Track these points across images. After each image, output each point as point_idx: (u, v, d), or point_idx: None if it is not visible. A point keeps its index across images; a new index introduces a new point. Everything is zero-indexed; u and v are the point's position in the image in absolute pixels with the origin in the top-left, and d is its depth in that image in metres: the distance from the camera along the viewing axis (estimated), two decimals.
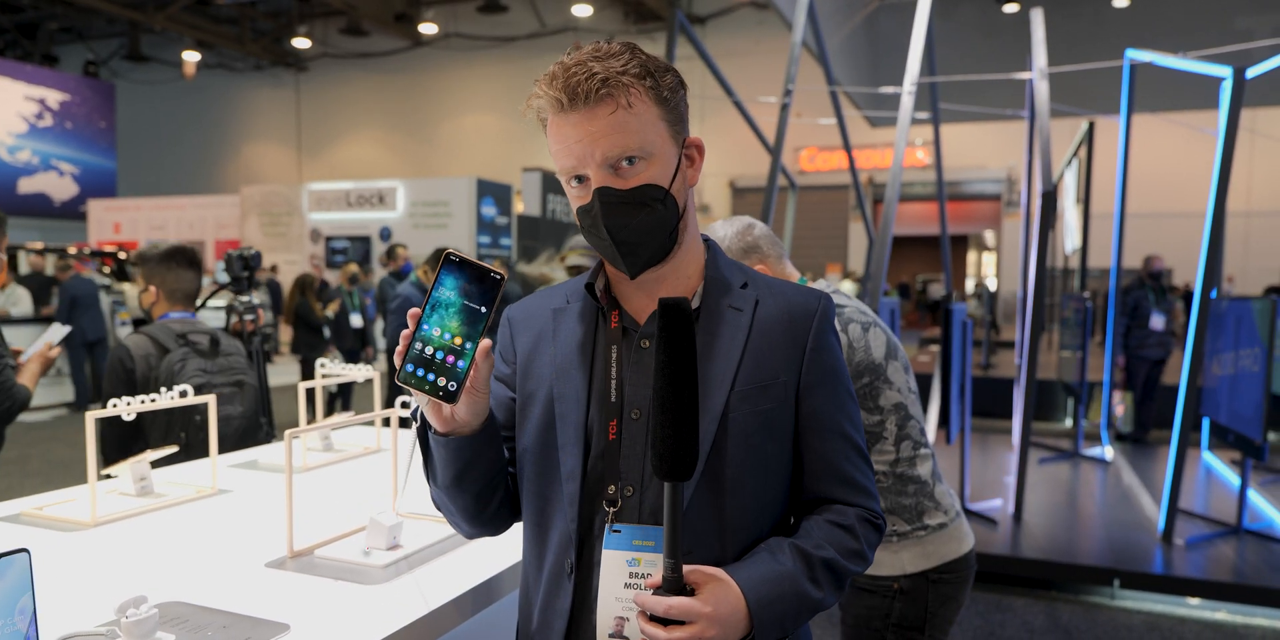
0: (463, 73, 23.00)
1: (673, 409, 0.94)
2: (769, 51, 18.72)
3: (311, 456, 2.38)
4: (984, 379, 8.96)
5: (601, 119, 1.04)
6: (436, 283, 0.99)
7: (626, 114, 1.04)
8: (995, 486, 5.58)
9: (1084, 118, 8.37)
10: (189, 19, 20.53)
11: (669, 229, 1.10)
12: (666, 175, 1.09)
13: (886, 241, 4.67)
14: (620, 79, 1.04)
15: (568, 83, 1.04)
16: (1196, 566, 4.19)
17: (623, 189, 1.06)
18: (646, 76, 1.06)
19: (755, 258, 1.97)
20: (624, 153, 1.05)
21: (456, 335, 1.00)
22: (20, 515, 1.82)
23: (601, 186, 1.06)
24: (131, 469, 1.96)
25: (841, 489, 1.15)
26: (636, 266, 1.10)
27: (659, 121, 1.07)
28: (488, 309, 1.00)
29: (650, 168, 1.07)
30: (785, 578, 1.04)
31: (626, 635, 1.03)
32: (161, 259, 2.76)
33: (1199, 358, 4.47)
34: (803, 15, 5.82)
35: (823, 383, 1.14)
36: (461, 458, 1.08)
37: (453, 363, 1.00)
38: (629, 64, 1.05)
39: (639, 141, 1.05)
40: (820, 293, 1.19)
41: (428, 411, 1.05)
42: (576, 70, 1.04)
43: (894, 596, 1.88)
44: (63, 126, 22.24)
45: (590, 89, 1.03)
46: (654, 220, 1.08)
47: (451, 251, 0.99)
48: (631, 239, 1.08)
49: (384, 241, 14.07)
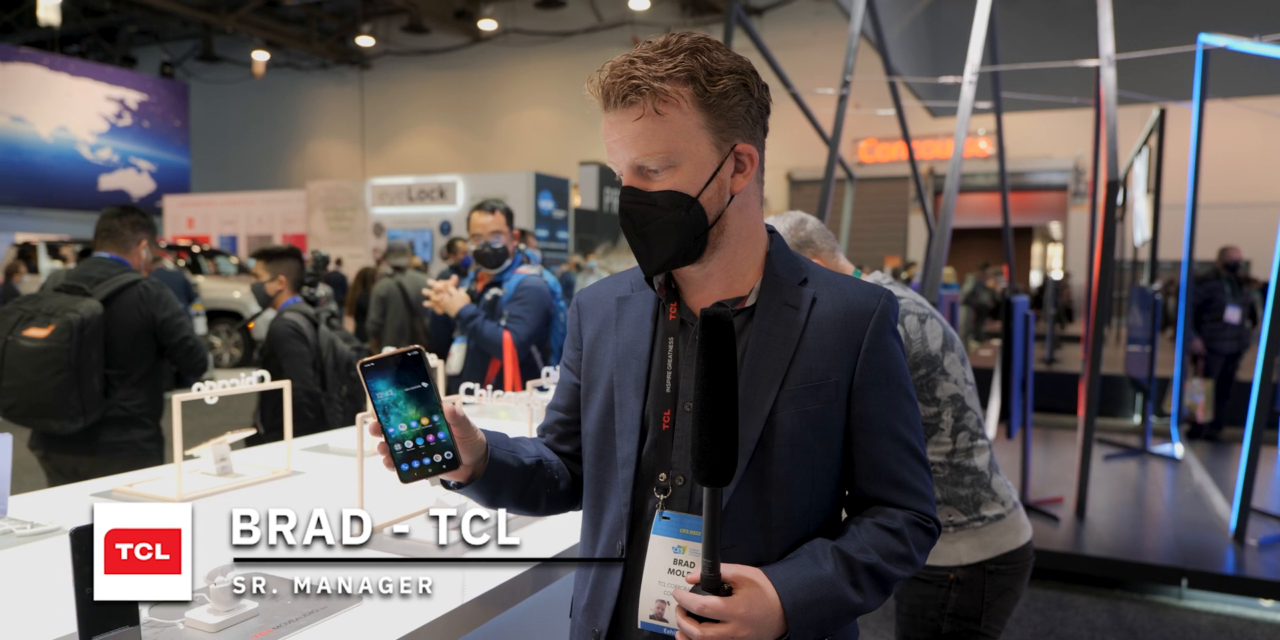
0: (520, 68, 23.21)
1: (710, 418, 0.95)
2: (827, 42, 18.50)
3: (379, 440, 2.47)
4: (1048, 373, 8.78)
5: (629, 124, 1.06)
6: (370, 391, 1.02)
7: (654, 121, 1.05)
8: (1059, 483, 5.47)
9: (1154, 105, 8.13)
10: (258, 20, 21.11)
11: (693, 235, 1.09)
12: (696, 183, 1.08)
13: (945, 233, 4.62)
14: (654, 84, 1.04)
15: (603, 83, 1.07)
16: (1270, 567, 4.06)
17: (644, 190, 1.08)
18: (692, 82, 1.05)
19: (809, 252, 1.99)
20: (646, 159, 1.07)
21: (420, 417, 1.04)
22: (112, 492, 1.93)
23: (626, 186, 1.09)
24: (213, 450, 2.07)
25: (892, 491, 1.14)
26: (651, 266, 1.12)
27: (697, 129, 1.06)
28: (428, 382, 1.04)
29: (676, 175, 1.08)
30: (824, 582, 1.04)
31: (665, 618, 1.07)
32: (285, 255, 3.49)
33: (1274, 352, 4.34)
34: (861, 5, 5.77)
35: (876, 384, 1.13)
36: (486, 492, 1.15)
37: (434, 439, 1.04)
38: (676, 68, 1.04)
39: (664, 149, 1.06)
40: (883, 290, 1.17)
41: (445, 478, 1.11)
42: (615, 71, 1.06)
43: (950, 586, 1.89)
44: (140, 125, 23.07)
45: (619, 94, 1.05)
46: (672, 225, 1.08)
47: (363, 360, 1.02)
48: (647, 239, 1.10)
49: (444, 235, 14.31)
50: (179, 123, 24.18)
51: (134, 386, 2.92)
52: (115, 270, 2.90)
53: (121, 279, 2.87)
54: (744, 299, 1.15)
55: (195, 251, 13.01)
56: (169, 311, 2.94)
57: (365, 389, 1.03)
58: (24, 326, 2.71)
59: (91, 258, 2.93)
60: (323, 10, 22.35)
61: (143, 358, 2.94)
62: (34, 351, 2.68)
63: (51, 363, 2.68)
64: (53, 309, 2.74)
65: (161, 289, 2.97)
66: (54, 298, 2.79)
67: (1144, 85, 8.00)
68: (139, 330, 2.89)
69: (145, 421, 2.98)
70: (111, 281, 2.85)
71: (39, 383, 2.67)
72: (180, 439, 1.88)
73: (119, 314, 2.85)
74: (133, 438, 2.92)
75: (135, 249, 2.99)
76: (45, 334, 2.69)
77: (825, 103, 6.01)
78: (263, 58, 22.67)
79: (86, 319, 2.72)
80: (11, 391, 2.69)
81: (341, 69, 25.31)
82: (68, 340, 2.69)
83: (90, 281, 2.84)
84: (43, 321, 2.71)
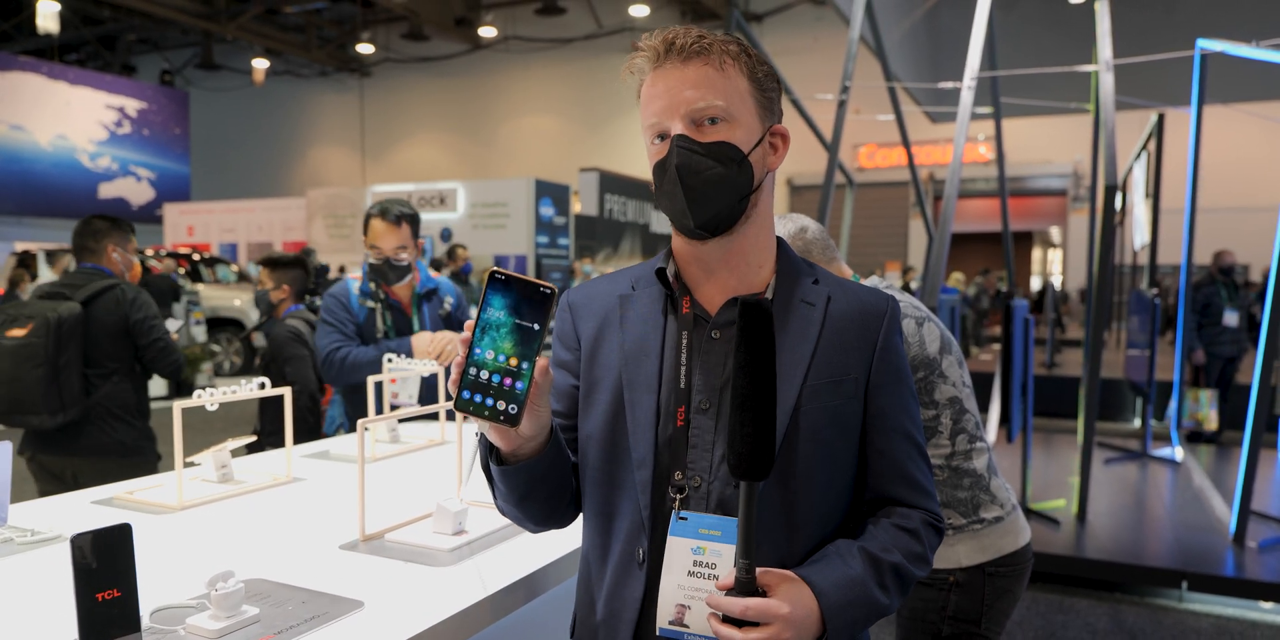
0: (521, 75, 23.28)
1: (754, 408, 0.93)
2: (827, 48, 18.55)
3: (380, 448, 2.48)
4: (1048, 378, 8.77)
5: (693, 72, 1.07)
6: (484, 303, 0.95)
7: (718, 73, 1.08)
8: (1059, 487, 5.47)
9: (1153, 110, 8.15)
10: (258, 28, 21.18)
11: (740, 194, 1.09)
12: (748, 142, 1.10)
13: (945, 239, 4.63)
14: (718, 44, 1.09)
15: (667, 36, 1.09)
16: (1270, 569, 4.06)
17: (699, 141, 1.08)
18: (745, 55, 1.10)
19: (809, 260, 1.99)
20: (708, 107, 1.07)
21: (511, 356, 0.95)
22: (113, 499, 1.94)
23: (680, 134, 1.07)
24: (214, 457, 2.07)
25: (905, 490, 1.14)
26: (702, 217, 1.08)
27: (748, 95, 1.10)
28: (540, 326, 0.96)
29: (731, 130, 1.09)
30: (856, 583, 1.03)
31: (686, 624, 1.02)
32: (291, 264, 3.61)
33: (1273, 355, 4.34)
34: (860, 11, 5.79)
35: (890, 383, 1.14)
36: (527, 480, 1.07)
37: (510, 385, 0.95)
38: (730, 43, 1.10)
39: (725, 101, 1.08)
40: (887, 295, 1.19)
41: (490, 434, 1.01)
42: (679, 29, 1.09)
43: (950, 589, 1.89)
44: (140, 133, 23.13)
45: (687, 43, 1.07)
46: (726, 177, 1.08)
47: (496, 270, 0.95)
48: (700, 186, 1.07)
49: (445, 242, 14.33)
50: (179, 131, 24.24)
51: (115, 385, 3.05)
52: (95, 277, 3.08)
53: (100, 283, 3.05)
54: (762, 293, 1.14)
55: (195, 259, 13.03)
56: (142, 313, 3.09)
57: (481, 299, 0.95)
58: (6, 328, 2.88)
59: (76, 269, 3.12)
60: (322, 18, 22.43)
61: (121, 357, 3.09)
62: (13, 348, 2.84)
63: (30, 357, 2.84)
64: (33, 312, 2.91)
65: (138, 293, 3.12)
66: (37, 303, 2.96)
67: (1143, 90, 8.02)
68: (115, 331, 3.05)
69: (130, 420, 3.10)
70: (91, 286, 3.03)
71: (18, 378, 2.82)
72: (180, 446, 1.89)
73: (96, 315, 3.01)
74: (120, 437, 3.05)
75: (107, 254, 3.14)
76: (24, 333, 2.85)
77: (825, 108, 6.02)
78: (262, 65, 22.74)
79: (64, 317, 2.89)
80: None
81: (341, 76, 25.39)
82: (45, 335, 2.85)
83: (72, 288, 3.02)
84: (23, 323, 2.88)
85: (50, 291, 3.01)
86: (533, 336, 0.96)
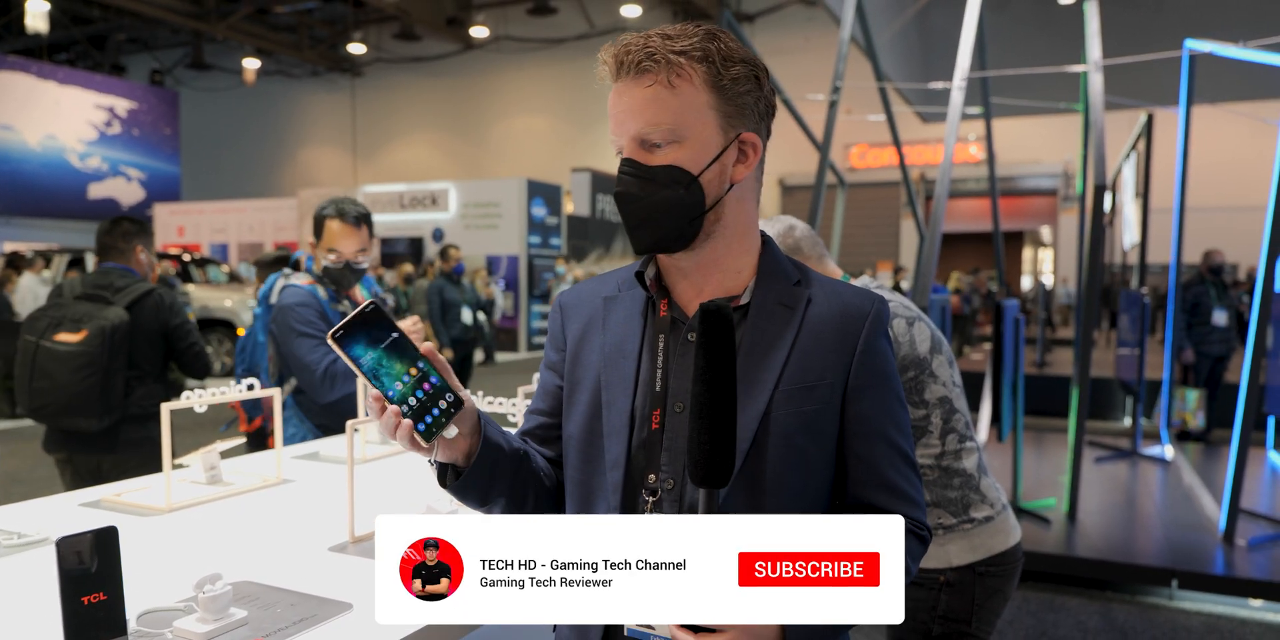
0: (513, 75, 23.26)
1: (710, 415, 0.92)
2: (818, 48, 18.59)
3: (370, 448, 2.47)
4: (1039, 377, 8.81)
5: (639, 92, 1.04)
6: (352, 360, 0.97)
7: (666, 91, 1.04)
8: (1050, 486, 5.49)
9: (1142, 110, 8.19)
10: (249, 27, 21.11)
11: (689, 216, 1.07)
12: (699, 162, 1.06)
13: (936, 238, 4.64)
14: (670, 57, 1.03)
15: (617, 51, 1.05)
16: (1259, 567, 4.08)
17: (644, 164, 1.06)
18: (706, 62, 1.05)
19: (797, 258, 2.00)
20: (651, 130, 1.05)
21: (409, 368, 0.99)
22: (100, 501, 1.93)
23: (626, 157, 1.07)
24: (202, 458, 2.06)
25: (884, 496, 1.12)
26: (642, 243, 1.09)
27: (706, 108, 1.05)
28: (395, 331, 1.00)
29: (679, 151, 1.06)
30: None
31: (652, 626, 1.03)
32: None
33: (1261, 354, 4.36)
34: (851, 11, 5.79)
35: (871, 387, 1.12)
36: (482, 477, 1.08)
37: (430, 387, 1.00)
38: (692, 46, 1.04)
39: (672, 121, 1.04)
40: (876, 295, 1.17)
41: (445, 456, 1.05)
42: (631, 42, 1.05)
43: (940, 589, 1.89)
44: (130, 134, 23.04)
45: (632, 61, 1.03)
46: (670, 201, 1.06)
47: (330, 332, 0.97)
48: (641, 212, 1.07)
49: (437, 242, 14.30)
50: (169, 131, 24.15)
51: (150, 387, 3.14)
52: (129, 280, 3.13)
53: (139, 288, 3.11)
54: (738, 297, 1.13)
55: (186, 260, 12.97)
56: (179, 318, 3.18)
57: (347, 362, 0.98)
58: (54, 331, 2.94)
59: (101, 268, 3.15)
60: (314, 17, 22.36)
61: (156, 360, 3.19)
62: (68, 355, 2.91)
63: (86, 365, 2.91)
64: (80, 315, 2.96)
65: (174, 297, 3.21)
66: (77, 305, 3.00)
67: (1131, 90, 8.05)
68: (155, 335, 3.14)
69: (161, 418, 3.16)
70: (130, 290, 3.09)
71: (71, 384, 2.90)
72: (169, 447, 1.88)
73: (139, 320, 3.07)
74: (150, 434, 3.12)
75: (135, 256, 3.20)
76: (79, 338, 2.92)
77: (816, 109, 6.03)
78: (253, 65, 22.67)
79: (117, 325, 2.97)
80: (43, 392, 2.91)
81: (333, 76, 25.32)
82: (100, 345, 2.92)
83: (110, 290, 3.06)
84: (72, 327, 2.94)
85: (89, 293, 3.05)
86: (402, 342, 1.00)
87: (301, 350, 2.69)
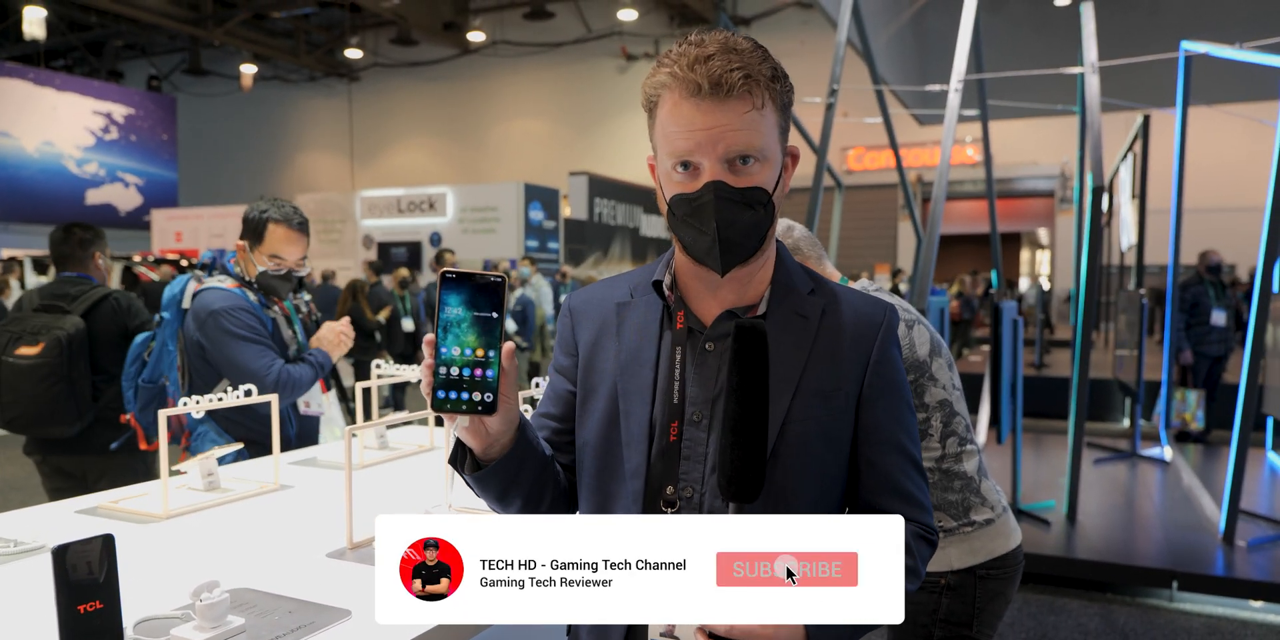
0: (510, 79, 23.27)
1: (744, 432, 0.93)
2: (814, 52, 18.59)
3: (368, 454, 2.46)
4: (1037, 378, 8.81)
5: (735, 114, 1.03)
6: (441, 303, 0.96)
7: (758, 114, 1.04)
8: (1049, 487, 5.49)
9: (1139, 111, 8.20)
10: (246, 33, 21.11)
11: (763, 234, 1.09)
12: (772, 180, 1.08)
13: (933, 240, 4.64)
14: (760, 79, 1.04)
15: (711, 70, 1.02)
16: (1260, 568, 4.08)
17: (737, 186, 1.05)
18: (777, 81, 1.06)
19: (796, 259, 1.99)
20: (747, 152, 1.05)
21: (477, 347, 0.97)
22: (97, 508, 1.92)
23: (717, 180, 1.04)
24: (200, 465, 2.05)
25: (896, 502, 1.13)
26: (730, 264, 1.08)
27: (775, 127, 1.08)
28: (498, 314, 0.97)
29: (763, 171, 1.07)
30: None
31: (678, 636, 1.03)
32: None
33: (1259, 354, 4.36)
34: (847, 14, 5.80)
35: (883, 395, 1.13)
36: (508, 474, 1.07)
37: (481, 374, 0.97)
38: (764, 65, 1.05)
39: (761, 143, 1.05)
40: (886, 303, 1.18)
41: (464, 435, 1.02)
42: (721, 60, 1.02)
43: (941, 592, 1.89)
44: (127, 139, 23.02)
45: (734, 82, 1.02)
46: (756, 222, 1.07)
47: (447, 270, 0.96)
48: (734, 237, 1.06)
49: (434, 247, 14.30)
50: (166, 136, 24.14)
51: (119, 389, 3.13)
52: (86, 286, 3.16)
53: (94, 294, 3.13)
54: (755, 307, 1.13)
55: (183, 265, 12.96)
56: (139, 319, 3.19)
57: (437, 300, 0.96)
58: (15, 346, 2.98)
59: (59, 278, 3.19)
60: (311, 23, 22.38)
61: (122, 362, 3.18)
62: (29, 368, 2.95)
63: (48, 376, 2.96)
64: (38, 328, 3.00)
65: (131, 299, 3.23)
66: (36, 318, 3.05)
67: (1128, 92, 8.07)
68: (116, 339, 3.15)
69: None
70: (86, 297, 3.11)
71: (38, 395, 2.95)
72: (166, 454, 1.87)
73: (97, 326, 3.10)
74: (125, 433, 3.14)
75: (92, 263, 3.24)
76: (37, 351, 2.96)
77: (813, 111, 6.03)
78: (250, 71, 22.66)
79: (72, 334, 2.99)
80: (13, 405, 2.96)
81: (330, 81, 25.32)
82: (58, 355, 2.96)
83: (67, 299, 3.09)
84: (31, 340, 2.98)
85: (46, 304, 3.08)
86: (492, 324, 0.97)
87: (245, 356, 2.49)
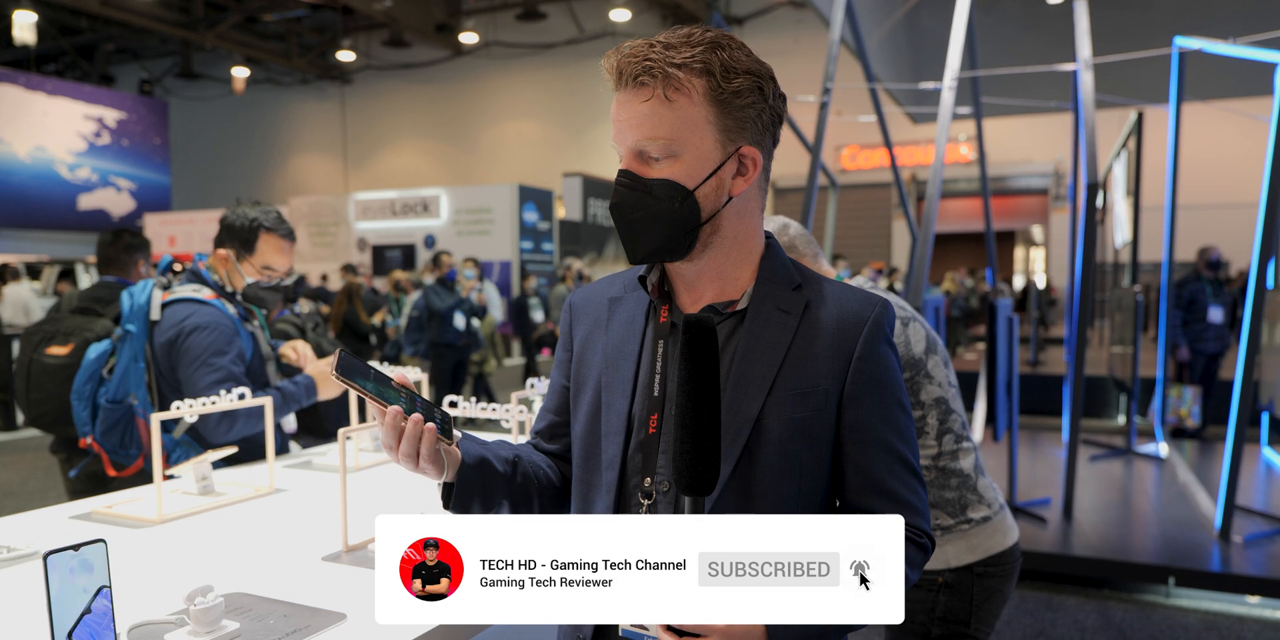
0: (503, 80, 23.25)
1: (692, 425, 0.93)
2: (808, 50, 18.62)
3: (363, 457, 2.45)
4: (1032, 376, 8.81)
5: (636, 105, 1.04)
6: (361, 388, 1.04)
7: (663, 106, 1.03)
8: (1045, 484, 5.49)
9: (1132, 108, 8.21)
10: (238, 36, 21.06)
11: (684, 229, 1.07)
12: (695, 177, 1.06)
13: (928, 239, 4.64)
14: (668, 69, 1.02)
15: (619, 61, 1.04)
16: (1256, 564, 4.09)
17: (641, 176, 1.06)
18: (706, 75, 1.03)
19: (792, 257, 1.99)
20: (647, 144, 1.05)
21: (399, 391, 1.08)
22: (91, 513, 1.91)
23: (623, 169, 1.07)
24: (194, 469, 2.04)
25: (883, 503, 1.10)
26: (640, 252, 1.10)
27: (704, 123, 1.04)
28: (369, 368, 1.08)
29: (675, 165, 1.05)
30: None
31: (645, 627, 1.04)
32: None
33: (1255, 351, 4.37)
34: (841, 13, 5.80)
35: (868, 393, 1.10)
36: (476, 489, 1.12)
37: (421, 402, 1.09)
38: (694, 58, 1.02)
39: (668, 136, 1.04)
40: (879, 299, 1.15)
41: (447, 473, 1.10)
42: (632, 51, 1.04)
43: (939, 590, 1.89)
44: (119, 144, 22.94)
45: (631, 73, 1.03)
46: (662, 215, 1.06)
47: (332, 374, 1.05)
48: (636, 223, 1.08)
49: (429, 249, 14.28)
50: (159, 140, 24.06)
51: None
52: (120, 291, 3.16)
53: None
54: (735, 302, 1.13)
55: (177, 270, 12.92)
56: None
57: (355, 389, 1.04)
58: (45, 345, 3.02)
59: (99, 281, 3.26)
60: (303, 25, 22.32)
61: None
62: (58, 368, 2.98)
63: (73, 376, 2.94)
64: (70, 329, 3.04)
65: None
66: (71, 319, 3.08)
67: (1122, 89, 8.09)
68: None
69: None
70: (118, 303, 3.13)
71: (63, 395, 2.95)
72: (159, 458, 1.86)
73: None
74: None
75: (134, 270, 3.33)
76: (66, 351, 2.98)
77: (807, 110, 6.03)
78: (243, 74, 22.59)
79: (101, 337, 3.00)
80: (40, 403, 2.99)
81: (322, 84, 25.28)
82: None
83: (101, 303, 3.14)
84: (62, 341, 3.02)
85: (82, 306, 3.14)
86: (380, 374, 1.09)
87: (203, 383, 2.29)
